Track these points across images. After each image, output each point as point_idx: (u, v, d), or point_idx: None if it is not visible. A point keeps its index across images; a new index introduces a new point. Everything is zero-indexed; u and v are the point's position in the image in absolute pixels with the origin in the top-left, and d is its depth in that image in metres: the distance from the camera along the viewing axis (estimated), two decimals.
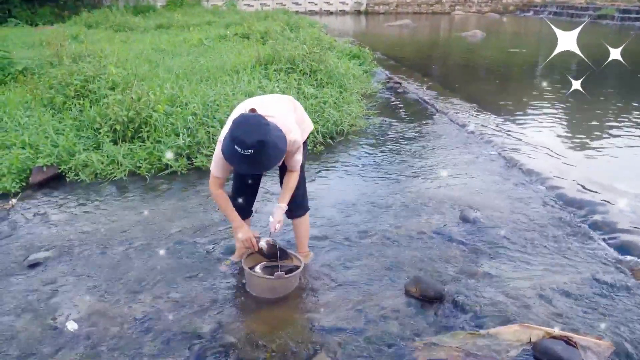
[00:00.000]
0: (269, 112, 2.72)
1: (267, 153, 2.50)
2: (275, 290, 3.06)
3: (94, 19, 16.72)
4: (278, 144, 2.55)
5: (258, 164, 2.54)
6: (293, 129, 2.77)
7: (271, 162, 2.59)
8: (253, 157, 2.47)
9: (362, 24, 24.48)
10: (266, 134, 2.47)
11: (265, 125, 2.50)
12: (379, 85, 8.78)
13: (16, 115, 5.81)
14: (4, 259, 3.54)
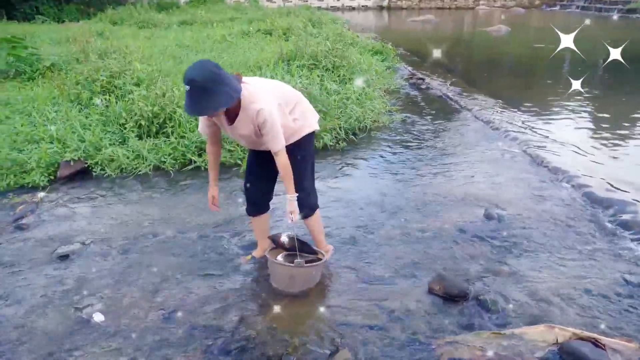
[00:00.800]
0: (250, 81, 2.78)
1: (201, 95, 2.50)
2: (295, 280, 3.05)
3: (118, 15, 16.95)
4: (215, 93, 2.52)
5: (193, 103, 2.53)
6: (259, 101, 2.70)
7: (203, 105, 2.54)
8: (189, 94, 2.51)
9: (384, 19, 24.34)
10: (206, 77, 2.50)
11: (210, 71, 2.52)
12: (401, 82, 8.73)
13: (44, 110, 5.93)
14: (33, 251, 3.62)
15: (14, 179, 4.76)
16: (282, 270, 3.09)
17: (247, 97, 2.70)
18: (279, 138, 2.78)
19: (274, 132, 2.74)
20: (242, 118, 2.76)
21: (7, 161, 4.85)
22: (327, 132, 5.57)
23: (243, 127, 2.80)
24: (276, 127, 2.75)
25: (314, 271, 3.10)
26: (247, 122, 2.77)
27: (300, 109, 3.02)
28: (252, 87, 2.75)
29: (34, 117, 5.78)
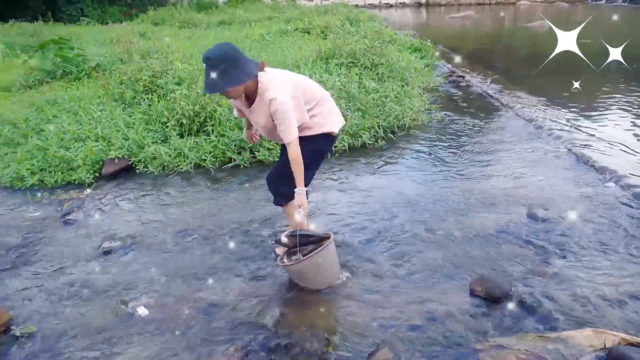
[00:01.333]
0: (271, 70, 2.85)
1: (212, 73, 2.62)
2: (303, 274, 3.03)
3: (159, 16, 17.31)
4: (226, 73, 2.62)
5: (206, 80, 2.67)
6: (273, 90, 2.76)
7: (214, 83, 2.65)
8: (205, 72, 2.65)
9: (422, 16, 24.07)
10: (220, 56, 2.62)
11: (226, 52, 2.65)
12: (441, 79, 8.61)
13: (90, 109, 6.11)
14: (80, 246, 3.74)
15: (62, 176, 4.93)
16: (288, 271, 3.07)
17: (263, 85, 2.77)
18: (291, 129, 2.79)
19: (286, 122, 2.78)
20: (258, 104, 2.84)
21: (55, 159, 5.03)
22: (366, 130, 5.54)
23: (259, 113, 2.88)
24: (288, 118, 2.77)
25: (320, 259, 2.97)
26: (262, 109, 2.84)
27: (323, 109, 3.03)
28: (270, 76, 2.81)
29: (80, 116, 5.96)
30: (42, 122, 5.93)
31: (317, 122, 3.01)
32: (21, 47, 11.71)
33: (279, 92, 2.76)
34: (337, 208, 4.12)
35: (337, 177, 4.75)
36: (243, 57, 2.71)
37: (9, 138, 5.68)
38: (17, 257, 3.63)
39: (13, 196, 4.71)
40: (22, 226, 4.10)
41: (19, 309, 3.02)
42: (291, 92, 2.83)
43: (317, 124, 3.01)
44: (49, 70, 8.37)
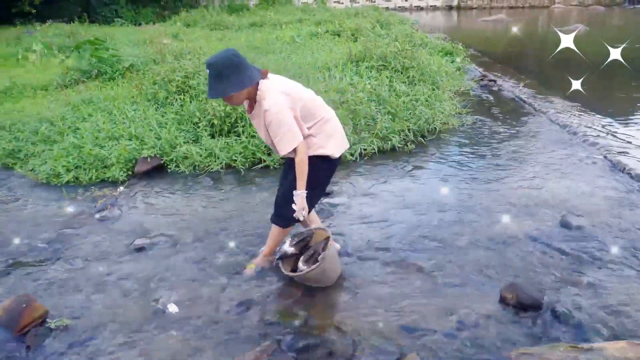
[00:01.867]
0: (273, 79, 2.84)
1: (215, 79, 2.67)
2: (325, 272, 3.05)
3: (191, 18, 17.56)
4: (228, 79, 2.66)
5: (210, 86, 2.72)
6: (268, 99, 2.73)
7: (216, 89, 2.69)
8: (209, 78, 2.70)
9: (453, 19, 23.84)
10: (222, 62, 2.66)
11: (229, 58, 2.68)
12: (472, 83, 8.51)
13: (124, 108, 6.24)
14: (112, 242, 3.82)
15: (96, 174, 5.04)
16: (310, 275, 3.05)
17: (261, 93, 2.77)
18: (287, 139, 2.74)
19: (280, 133, 2.74)
20: (256, 111, 2.84)
21: (90, 156, 5.15)
22: (396, 133, 5.52)
23: (258, 120, 2.87)
24: (283, 129, 2.72)
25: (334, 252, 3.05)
26: (259, 117, 2.83)
27: (323, 130, 2.93)
28: (270, 84, 2.79)
29: (114, 115, 6.09)
30: (78, 121, 6.08)
31: (314, 142, 2.92)
32: (58, 47, 12.04)
33: (273, 102, 2.72)
34: (365, 212, 4.11)
35: (366, 180, 4.74)
36: (246, 63, 2.73)
37: (46, 135, 5.83)
38: (53, 252, 3.73)
39: (49, 192, 4.84)
40: (58, 222, 4.20)
41: (54, 303, 3.09)
42: (288, 103, 2.78)
43: (314, 145, 2.92)
44: (84, 70, 8.56)
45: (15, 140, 5.90)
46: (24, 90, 8.20)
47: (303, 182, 2.85)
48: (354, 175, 4.84)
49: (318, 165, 2.94)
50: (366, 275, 3.25)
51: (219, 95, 2.72)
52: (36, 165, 5.29)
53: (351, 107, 5.65)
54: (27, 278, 3.41)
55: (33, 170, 5.27)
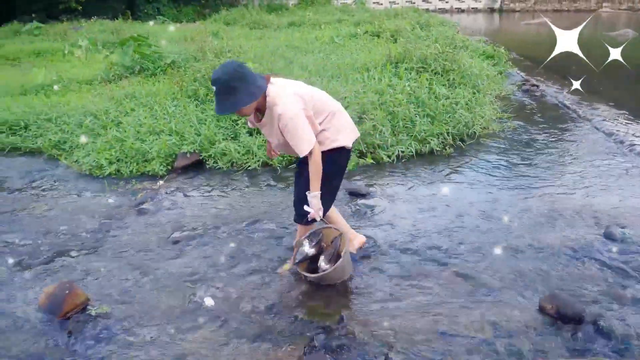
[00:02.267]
0: (277, 82, 2.80)
1: (225, 94, 2.60)
2: (344, 268, 3.11)
3: (231, 16, 17.72)
4: (239, 91, 2.60)
5: (219, 102, 2.66)
6: (280, 103, 2.71)
7: (227, 105, 2.64)
8: (216, 94, 2.64)
9: (495, 22, 23.42)
10: (230, 76, 2.59)
11: (234, 70, 2.61)
12: (514, 87, 8.34)
13: (165, 104, 6.35)
14: (151, 235, 3.89)
15: (137, 167, 5.16)
16: (329, 275, 3.07)
17: (271, 98, 2.72)
18: (304, 140, 2.73)
19: (297, 135, 2.72)
20: (267, 118, 2.80)
21: (131, 150, 5.27)
22: (435, 136, 5.45)
23: (270, 128, 2.84)
24: (299, 130, 2.71)
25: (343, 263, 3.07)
26: (272, 123, 2.80)
27: (333, 123, 2.93)
28: (279, 89, 2.74)
29: (155, 111, 6.20)
30: (121, 115, 6.22)
31: (327, 136, 2.92)
32: (102, 43, 12.36)
33: (287, 106, 2.71)
34: (402, 215, 4.07)
35: (403, 183, 4.70)
36: (252, 73, 2.68)
37: (90, 128, 5.99)
38: (94, 242, 3.83)
39: (92, 183, 4.97)
40: (100, 212, 4.31)
41: (95, 290, 3.18)
42: (301, 104, 2.76)
43: (327, 139, 2.92)
44: (127, 65, 8.75)
45: (61, 132, 6.09)
46: (70, 84, 8.45)
47: (317, 183, 2.87)
48: (391, 178, 4.80)
49: (334, 158, 2.96)
50: (401, 278, 3.23)
51: (231, 111, 2.67)
52: (80, 157, 5.45)
53: (389, 109, 5.61)
54: (70, 266, 3.51)
55: (77, 161, 5.43)
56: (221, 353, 2.63)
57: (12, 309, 3.05)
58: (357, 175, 4.89)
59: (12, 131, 6.38)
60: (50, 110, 6.68)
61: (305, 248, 3.14)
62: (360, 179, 4.81)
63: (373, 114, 5.44)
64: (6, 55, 11.85)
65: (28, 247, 3.78)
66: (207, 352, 2.64)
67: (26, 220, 4.23)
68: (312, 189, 2.88)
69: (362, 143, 5.24)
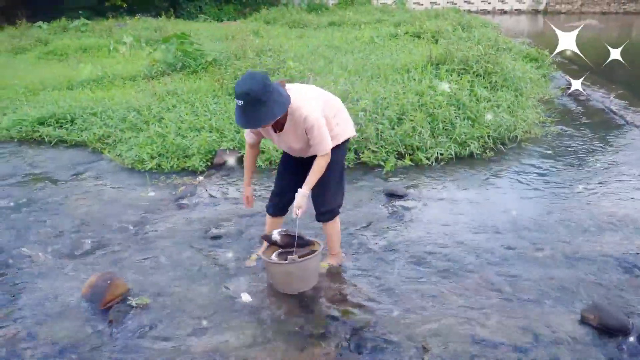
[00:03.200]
0: (293, 87, 2.81)
1: (255, 108, 2.55)
2: (292, 277, 3.03)
3: (271, 15, 17.86)
4: (269, 104, 2.56)
5: (248, 116, 2.59)
6: (305, 106, 2.73)
7: (259, 119, 2.60)
8: (243, 108, 2.56)
9: (539, 24, 22.88)
10: (259, 89, 2.52)
11: (262, 82, 2.55)
12: (558, 91, 8.13)
13: (206, 101, 6.45)
14: (191, 229, 3.96)
15: (177, 162, 5.25)
16: (276, 269, 3.06)
17: (293, 104, 2.72)
18: (326, 142, 2.82)
19: (321, 136, 2.78)
20: (289, 125, 2.80)
21: (172, 145, 5.37)
22: (475, 139, 5.36)
23: (291, 134, 2.84)
24: (323, 131, 2.79)
25: (312, 264, 3.04)
26: (295, 128, 2.80)
27: (342, 117, 3.03)
28: (297, 94, 2.77)
29: (196, 108, 6.31)
30: (163, 111, 6.35)
31: (339, 131, 3.00)
32: (146, 40, 12.65)
33: (311, 108, 2.76)
34: (439, 218, 4.03)
35: (442, 186, 4.64)
36: (274, 83, 2.65)
37: (133, 123, 6.14)
38: (135, 234, 3.92)
39: (134, 177, 5.09)
40: (141, 205, 4.41)
41: (135, 282, 3.25)
42: (320, 107, 2.83)
43: (339, 134, 3.00)
44: (170, 62, 8.91)
45: (105, 127, 6.26)
46: (114, 79, 8.68)
47: (312, 185, 2.91)
48: (429, 180, 4.75)
49: (344, 149, 3.12)
50: (436, 282, 3.19)
51: (264, 124, 2.65)
52: (123, 150, 5.59)
53: (429, 110, 5.55)
54: (111, 257, 3.61)
55: (120, 155, 5.57)
56: (254, 349, 2.65)
57: (57, 297, 3.15)
58: (395, 176, 4.86)
59: (59, 124, 6.60)
60: (95, 105, 6.89)
61: (275, 233, 3.12)
62: (399, 180, 4.77)
63: (413, 115, 5.39)
64: (54, 50, 12.27)
65: (72, 238, 3.90)
66: (241, 347, 2.67)
67: (70, 211, 4.37)
68: (307, 187, 2.90)
69: (400, 144, 5.20)
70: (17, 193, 4.80)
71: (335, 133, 2.98)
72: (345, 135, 3.06)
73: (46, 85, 8.55)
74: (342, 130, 3.02)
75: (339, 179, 3.15)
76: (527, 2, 26.98)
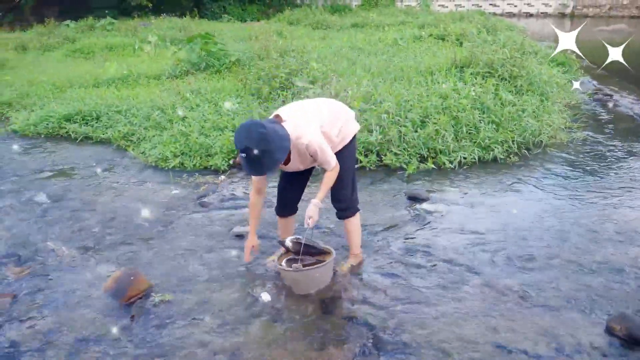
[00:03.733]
0: (289, 116, 2.85)
1: (259, 159, 2.61)
2: (298, 282, 3.09)
3: (295, 16, 17.93)
4: (271, 152, 2.62)
5: (254, 167, 2.69)
6: (304, 135, 2.79)
7: (265, 168, 2.69)
8: (247, 160, 2.65)
9: (565, 27, 22.54)
10: (257, 142, 2.58)
11: (258, 134, 2.58)
12: (585, 96, 7.99)
13: (229, 101, 6.48)
14: (213, 228, 3.99)
15: (200, 161, 5.30)
16: (284, 274, 3.14)
17: (293, 135, 2.77)
18: (331, 158, 2.92)
19: (325, 156, 2.88)
20: (295, 155, 2.88)
21: (195, 144, 5.42)
22: (499, 144, 5.30)
23: (297, 162, 2.94)
24: (326, 151, 2.88)
25: (316, 273, 3.08)
26: (300, 156, 2.90)
27: (341, 119, 3.07)
28: (294, 123, 2.82)
29: (219, 107, 6.35)
30: (186, 110, 6.41)
31: (344, 134, 3.07)
32: (171, 40, 12.80)
33: (310, 134, 2.81)
34: (462, 223, 3.98)
35: (465, 190, 4.59)
36: (271, 127, 2.66)
37: (157, 122, 6.21)
38: (158, 231, 3.96)
39: (157, 175, 5.15)
40: (164, 203, 4.46)
41: (157, 278, 3.28)
42: (317, 127, 2.89)
43: (345, 137, 3.08)
44: (194, 62, 9.01)
45: (130, 125, 6.34)
46: (139, 78, 8.80)
47: (325, 195, 3.00)
48: (451, 184, 4.71)
49: (353, 144, 3.17)
50: (458, 286, 3.15)
51: (270, 171, 2.76)
52: (147, 148, 5.66)
53: (453, 113, 5.50)
54: (134, 252, 3.65)
55: (144, 153, 5.63)
56: (274, 348, 2.66)
57: (80, 291, 3.20)
58: (417, 179, 4.82)
59: (84, 121, 6.71)
60: (120, 103, 6.99)
61: (288, 240, 3.16)
62: (421, 183, 4.73)
63: (436, 118, 5.35)
64: (81, 49, 12.50)
65: (96, 233, 3.96)
66: (260, 346, 2.68)
67: (95, 207, 4.43)
68: (320, 197, 3.00)
69: (423, 147, 5.16)
70: (43, 188, 4.89)
71: (340, 138, 3.06)
72: (351, 134, 3.12)
73: (73, 82, 8.70)
74: (346, 132, 3.09)
75: (353, 174, 3.22)
76: (554, 5, 26.62)
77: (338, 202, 3.20)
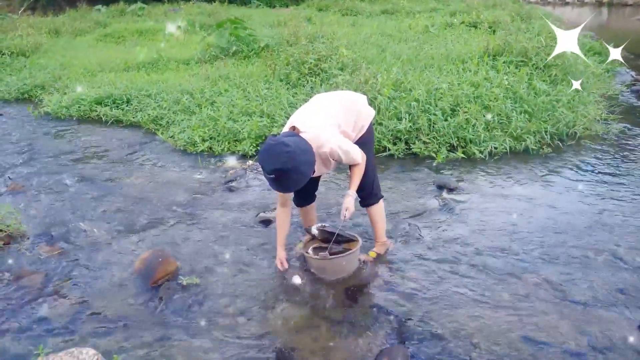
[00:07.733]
0: (306, 126, 2.80)
1: (288, 177, 2.62)
2: (325, 269, 3.09)
3: (324, 2, 17.73)
4: (298, 168, 2.61)
5: (283, 185, 2.71)
6: (325, 143, 2.77)
7: (295, 184, 2.70)
8: (276, 180, 2.64)
9: (602, 16, 21.86)
10: (285, 162, 2.56)
11: (285, 154, 2.56)
12: (622, 87, 7.73)
13: (257, 86, 6.49)
14: (240, 212, 4.01)
15: (228, 146, 5.32)
16: (311, 262, 3.14)
17: (314, 145, 2.74)
18: (356, 156, 2.88)
19: (349, 156, 2.86)
20: (319, 162, 2.87)
21: (224, 129, 5.44)
22: (531, 134, 5.17)
23: (322, 167, 2.95)
24: (350, 151, 2.85)
25: (343, 262, 3.08)
26: (325, 162, 2.90)
27: (356, 110, 3.06)
28: (312, 132, 2.78)
29: (248, 92, 6.36)
30: (215, 95, 6.44)
31: (362, 124, 3.08)
32: (200, 25, 12.82)
33: (330, 142, 2.78)
34: (491, 214, 3.90)
35: (495, 180, 4.50)
36: (294, 143, 2.61)
37: (186, 106, 6.25)
38: (186, 214, 4.00)
39: (186, 159, 5.19)
40: (192, 187, 4.49)
41: (185, 261, 3.32)
42: (335, 129, 2.88)
43: (362, 127, 3.09)
44: (223, 47, 9.01)
45: (159, 108, 6.40)
46: (169, 63, 8.86)
47: (357, 186, 2.98)
48: (481, 174, 4.62)
49: (370, 130, 3.18)
50: (485, 279, 3.10)
51: (299, 187, 2.74)
52: (176, 132, 5.70)
53: (485, 103, 5.39)
54: (163, 235, 3.69)
55: (173, 137, 5.68)
56: (301, 333, 2.66)
57: (110, 272, 3.26)
58: (447, 169, 4.75)
59: (115, 104, 6.80)
60: (150, 87, 7.05)
61: (314, 228, 3.18)
62: (450, 172, 4.66)
63: (467, 107, 5.24)
64: (112, 33, 12.64)
65: (125, 215, 4.02)
66: (288, 331, 2.69)
67: (124, 190, 4.50)
68: (352, 188, 2.98)
69: (453, 136, 5.07)
70: (75, 170, 4.98)
71: (357, 130, 3.08)
72: (367, 123, 3.12)
73: (104, 66, 8.82)
74: (362, 122, 3.09)
75: (372, 161, 3.21)
76: None
77: (361, 190, 3.15)
